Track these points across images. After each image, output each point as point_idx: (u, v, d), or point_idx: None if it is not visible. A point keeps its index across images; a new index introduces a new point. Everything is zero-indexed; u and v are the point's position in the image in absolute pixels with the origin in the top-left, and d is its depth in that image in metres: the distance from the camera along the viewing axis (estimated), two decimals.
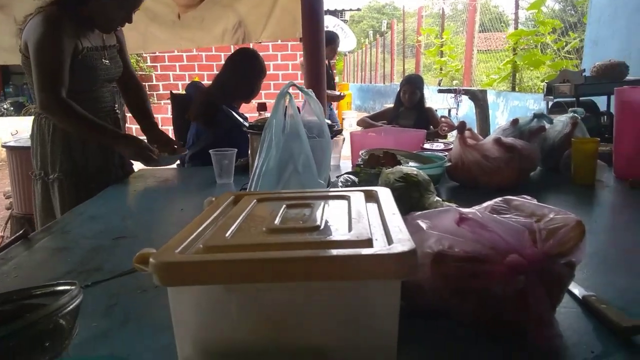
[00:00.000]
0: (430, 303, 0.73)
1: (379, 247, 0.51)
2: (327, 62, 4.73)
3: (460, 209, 0.72)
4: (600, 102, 3.08)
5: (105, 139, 1.74)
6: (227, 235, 0.56)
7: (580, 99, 3.06)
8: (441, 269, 0.69)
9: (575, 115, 1.74)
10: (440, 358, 0.65)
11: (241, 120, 1.57)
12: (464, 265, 0.67)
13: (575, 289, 0.79)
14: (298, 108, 1.09)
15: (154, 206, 1.48)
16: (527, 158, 1.49)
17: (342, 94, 4.76)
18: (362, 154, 1.53)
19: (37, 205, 1.84)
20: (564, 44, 5.36)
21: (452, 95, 5.13)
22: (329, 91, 4.56)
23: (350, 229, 0.57)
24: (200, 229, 0.58)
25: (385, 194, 0.74)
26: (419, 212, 0.82)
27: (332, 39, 4.70)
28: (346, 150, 1.98)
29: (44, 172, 1.78)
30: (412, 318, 0.76)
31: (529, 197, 0.79)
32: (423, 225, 0.76)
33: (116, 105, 1.91)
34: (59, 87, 1.62)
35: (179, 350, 0.52)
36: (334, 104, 4.83)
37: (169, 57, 7.21)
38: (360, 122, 3.52)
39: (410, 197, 0.97)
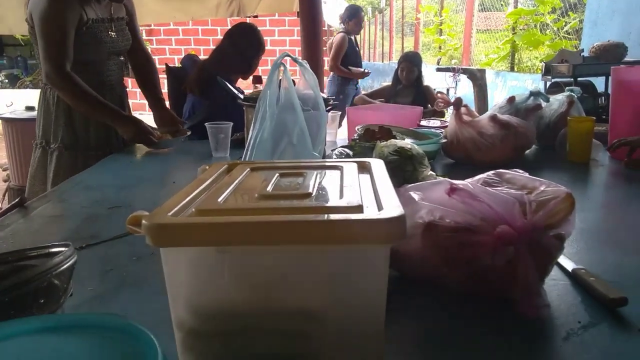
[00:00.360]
0: (421, 273, 0.74)
1: (369, 213, 0.51)
2: (353, 37, 4.64)
3: (452, 180, 0.73)
4: (599, 83, 3.08)
5: (105, 118, 1.74)
6: (219, 200, 0.56)
7: (578, 79, 3.05)
8: (432, 239, 0.70)
9: (572, 94, 1.73)
10: (430, 326, 0.67)
11: (236, 92, 1.56)
12: (454, 236, 0.68)
13: (566, 262, 0.80)
14: (293, 81, 1.08)
15: (149, 178, 1.48)
16: (522, 135, 1.49)
17: (367, 71, 4.60)
18: (358, 129, 1.52)
19: (30, 173, 1.86)
20: (564, 24, 5.32)
21: (451, 74, 5.10)
22: (353, 68, 4.48)
23: (341, 196, 0.57)
24: (193, 194, 0.58)
25: (378, 165, 0.74)
26: (412, 184, 0.82)
27: (356, 12, 4.58)
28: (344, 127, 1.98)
29: (45, 141, 1.81)
30: (403, 287, 0.77)
31: (520, 171, 0.80)
32: (415, 196, 0.77)
33: (124, 80, 1.91)
34: (63, 59, 1.62)
35: (172, 310, 0.53)
36: (357, 81, 4.66)
37: (165, 30, 7.12)
38: (358, 100, 3.50)
39: (404, 171, 0.98)
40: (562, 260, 0.81)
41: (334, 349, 0.53)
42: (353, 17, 4.52)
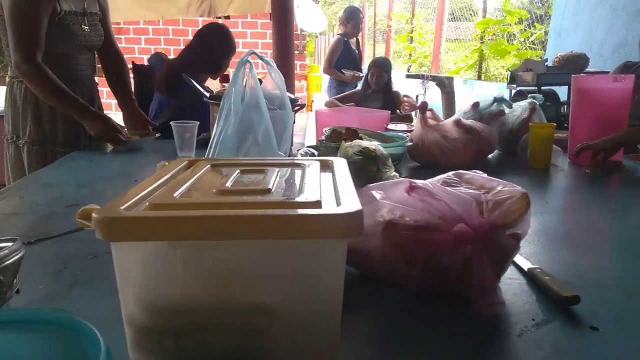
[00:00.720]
0: (381, 271, 0.74)
1: (327, 208, 0.51)
2: (354, 40, 4.51)
3: (412, 180, 0.73)
4: (562, 92, 3.17)
5: (73, 112, 1.71)
6: (175, 194, 0.55)
7: (542, 88, 3.13)
8: (391, 237, 0.70)
9: (534, 101, 1.78)
10: (386, 323, 0.67)
11: (202, 91, 1.54)
12: (413, 234, 0.69)
13: (522, 261, 0.82)
14: (260, 80, 1.08)
15: (111, 176, 1.45)
16: (485, 140, 1.52)
17: (357, 74, 4.40)
18: (325, 130, 1.53)
19: (9, 169, 1.84)
20: (530, 34, 5.47)
21: (420, 81, 5.17)
22: (346, 71, 4.34)
23: (301, 193, 0.57)
24: (149, 189, 0.57)
25: (340, 164, 0.74)
26: (374, 184, 0.83)
27: (354, 14, 4.45)
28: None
29: (16, 135, 1.78)
30: (363, 285, 0.77)
31: (480, 172, 0.81)
32: (377, 195, 0.77)
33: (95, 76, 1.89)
34: (34, 50, 1.59)
35: (123, 308, 0.51)
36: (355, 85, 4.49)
37: (135, 29, 7.00)
38: (328, 104, 3.51)
39: (368, 171, 0.98)
40: (519, 259, 0.82)
41: (288, 344, 0.53)
42: (351, 20, 4.42)
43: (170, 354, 0.52)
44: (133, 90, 2.36)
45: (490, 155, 1.71)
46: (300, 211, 0.50)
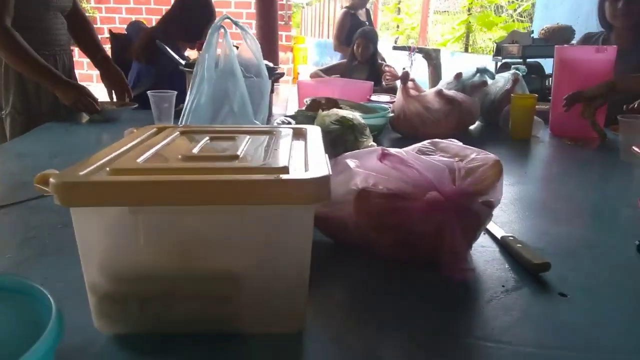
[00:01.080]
0: (353, 239, 0.74)
1: (294, 173, 0.50)
2: (363, 11, 4.33)
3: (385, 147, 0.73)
4: (547, 65, 3.16)
5: (46, 80, 1.66)
6: (138, 160, 0.54)
7: (527, 60, 3.12)
8: (364, 206, 0.70)
9: (517, 72, 1.77)
10: (358, 289, 0.67)
11: (178, 58, 1.51)
12: (386, 202, 0.68)
13: (496, 230, 0.82)
14: (236, 47, 1.05)
15: (85, 146, 1.42)
16: (467, 111, 1.52)
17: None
18: (305, 101, 1.51)
19: None
20: (517, 6, 5.42)
21: (407, 53, 5.12)
22: None
23: (269, 159, 0.56)
24: (112, 155, 0.56)
25: (314, 132, 0.73)
26: (349, 152, 0.82)
27: None
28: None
29: None
30: (336, 253, 0.77)
31: (455, 140, 0.81)
32: (351, 164, 0.76)
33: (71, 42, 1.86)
34: (2, 14, 1.54)
35: (85, 275, 0.50)
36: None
37: None
38: (313, 75, 3.47)
39: (344, 140, 0.97)
40: (493, 228, 0.82)
41: (256, 310, 0.52)
42: None
43: (135, 321, 0.52)
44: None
45: (472, 127, 1.70)
46: (267, 176, 0.49)
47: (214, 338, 0.52)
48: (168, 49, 1.55)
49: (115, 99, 1.91)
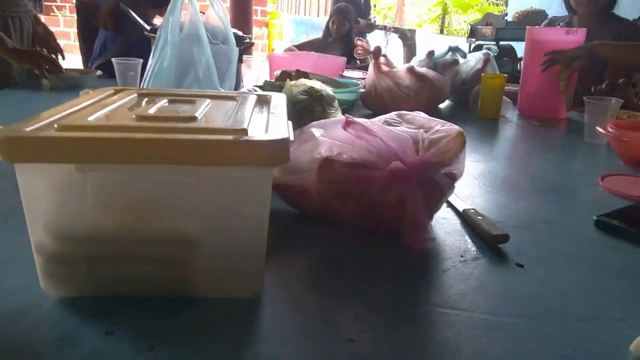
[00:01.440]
0: (317, 208, 0.74)
1: (252, 135, 0.49)
2: None
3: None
4: (520, 49, 3.19)
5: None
6: (89, 118, 0.51)
7: (500, 43, 3.15)
8: (327, 174, 0.69)
9: (488, 52, 1.78)
10: (318, 257, 0.66)
11: (142, 23, 1.46)
12: (349, 171, 0.68)
13: (458, 203, 0.83)
14: (203, 13, 1.02)
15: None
16: (437, 88, 1.52)
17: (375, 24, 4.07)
18: (276, 73, 1.48)
19: None
20: None
21: (383, 32, 5.09)
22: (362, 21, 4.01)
23: (228, 121, 0.55)
24: (63, 114, 0.53)
25: (278, 99, 0.72)
26: (315, 122, 0.81)
27: None
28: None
29: None
30: (299, 222, 0.77)
31: (422, 113, 0.81)
32: (316, 133, 0.75)
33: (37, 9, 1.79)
34: None
35: (31, 235, 0.48)
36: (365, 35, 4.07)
37: None
38: (286, 50, 3.42)
39: (312, 112, 0.96)
40: (455, 201, 0.83)
41: (211, 275, 0.51)
42: None
43: (83, 283, 0.50)
44: (77, 29, 2.24)
45: (442, 105, 1.71)
46: (223, 136, 0.47)
47: (167, 301, 0.51)
48: (132, 13, 1.50)
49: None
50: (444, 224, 0.76)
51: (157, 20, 2.20)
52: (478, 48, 3.20)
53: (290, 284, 0.59)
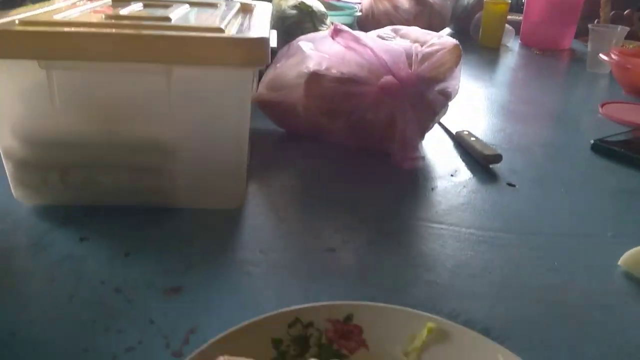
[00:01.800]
0: (304, 126, 0.71)
1: (228, 33, 0.46)
2: None
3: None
4: None
5: None
6: (55, 16, 0.48)
7: None
8: (315, 89, 0.66)
9: None
10: (303, 175, 0.64)
11: None
12: (338, 86, 0.64)
13: (451, 126, 0.80)
14: None
15: None
16: (437, 14, 1.45)
17: None
18: None
19: None
20: None
21: None
22: None
23: (204, 23, 0.51)
24: (30, 13, 0.49)
25: (263, 9, 0.67)
26: (304, 35, 0.77)
27: None
28: None
29: None
30: (285, 142, 0.74)
31: (417, 28, 0.76)
32: (304, 47, 0.71)
33: None
34: None
35: None
36: None
37: None
38: None
39: (302, 28, 0.91)
40: (449, 123, 0.80)
41: (190, 185, 0.49)
42: None
43: (56, 191, 0.48)
44: None
45: (441, 33, 1.64)
46: (197, 34, 0.44)
47: (144, 210, 0.49)
48: None
49: None
50: (436, 145, 0.74)
51: None
52: None
53: (274, 198, 0.57)
